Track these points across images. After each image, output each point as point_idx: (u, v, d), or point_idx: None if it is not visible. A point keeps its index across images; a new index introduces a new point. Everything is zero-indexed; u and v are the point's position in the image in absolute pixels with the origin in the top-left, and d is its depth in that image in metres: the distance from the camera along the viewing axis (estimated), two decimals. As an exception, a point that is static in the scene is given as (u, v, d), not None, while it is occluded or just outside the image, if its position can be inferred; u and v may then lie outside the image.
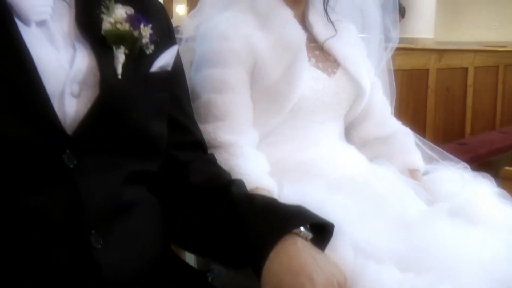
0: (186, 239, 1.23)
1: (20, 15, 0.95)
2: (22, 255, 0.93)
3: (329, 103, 1.62)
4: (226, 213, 1.12)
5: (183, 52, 1.61)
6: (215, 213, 1.14)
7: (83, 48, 1.00)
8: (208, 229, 1.15)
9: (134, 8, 1.07)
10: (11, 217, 0.92)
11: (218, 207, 1.14)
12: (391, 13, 2.10)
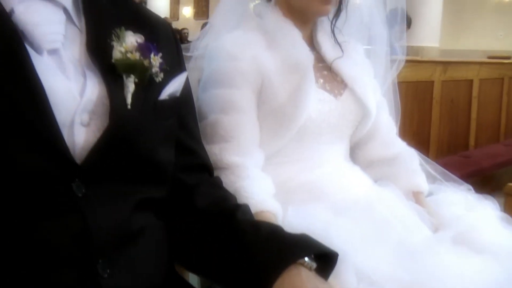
0: (191, 262, 1.24)
1: (32, 43, 0.96)
2: (29, 283, 0.93)
3: (335, 125, 1.63)
4: (232, 240, 1.13)
5: (191, 70, 1.63)
6: (220, 239, 1.15)
7: (93, 76, 1.01)
8: (213, 253, 1.15)
9: (145, 35, 1.08)
10: (18, 245, 0.93)
11: (223, 233, 1.15)
12: (398, 25, 2.11)
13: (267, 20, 1.64)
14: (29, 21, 0.96)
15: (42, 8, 0.99)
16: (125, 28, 1.06)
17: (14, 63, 0.91)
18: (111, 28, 1.06)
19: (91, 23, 1.06)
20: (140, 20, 1.13)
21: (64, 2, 1.02)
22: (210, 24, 1.76)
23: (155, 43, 1.07)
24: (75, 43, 1.04)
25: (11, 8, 0.95)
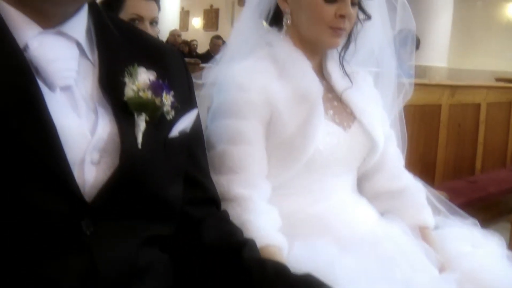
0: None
1: (45, 79, 0.97)
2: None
3: (343, 157, 1.63)
4: (237, 277, 1.13)
5: (202, 98, 1.64)
6: (226, 275, 1.15)
7: (104, 113, 1.02)
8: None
9: (157, 71, 1.08)
10: (24, 284, 0.92)
11: (229, 270, 1.15)
12: (407, 47, 2.11)
13: (278, 50, 1.64)
14: (43, 57, 0.97)
15: (56, 43, 0.99)
16: (138, 63, 1.07)
17: (26, 101, 0.91)
18: (124, 63, 1.06)
19: (104, 57, 1.06)
20: (153, 55, 1.14)
21: (78, 37, 1.03)
22: (223, 53, 1.75)
23: (167, 80, 1.08)
24: (87, 77, 1.04)
25: (26, 43, 0.96)
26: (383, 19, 1.79)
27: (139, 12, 2.61)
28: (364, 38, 1.76)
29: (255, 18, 1.69)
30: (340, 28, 1.59)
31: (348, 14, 1.58)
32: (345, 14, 1.57)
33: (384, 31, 1.82)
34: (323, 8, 1.57)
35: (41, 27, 0.98)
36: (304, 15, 1.61)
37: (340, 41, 1.65)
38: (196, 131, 1.22)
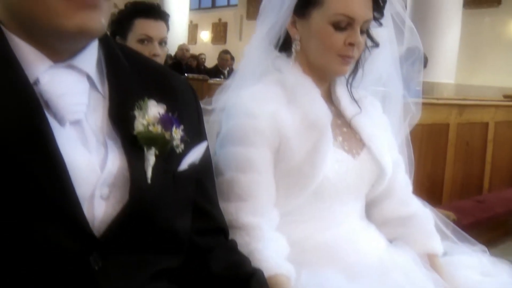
0: None
1: (55, 114, 0.97)
2: None
3: (352, 185, 1.63)
4: None
5: (211, 123, 1.64)
6: None
7: (114, 146, 1.02)
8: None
9: (167, 103, 1.09)
10: None
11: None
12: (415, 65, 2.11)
13: (287, 76, 1.64)
14: (53, 91, 0.97)
15: (66, 77, 1.00)
16: (148, 96, 1.07)
17: (35, 136, 0.92)
18: (134, 95, 1.07)
19: (114, 89, 1.07)
20: (164, 86, 1.15)
21: (88, 70, 1.04)
22: (232, 79, 1.75)
23: (176, 112, 1.08)
24: (97, 109, 1.05)
25: (37, 78, 0.97)
26: (392, 46, 1.79)
27: (148, 32, 2.64)
28: (372, 64, 1.76)
29: (265, 44, 1.69)
30: (349, 56, 1.59)
31: (357, 43, 1.58)
32: (354, 43, 1.57)
33: (392, 57, 1.82)
34: (332, 36, 1.57)
35: (51, 60, 0.99)
36: (313, 42, 1.62)
37: (348, 69, 1.65)
38: (205, 162, 1.22)
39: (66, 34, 0.95)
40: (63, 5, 0.92)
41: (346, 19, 1.56)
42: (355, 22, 1.56)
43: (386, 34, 1.77)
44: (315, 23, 1.60)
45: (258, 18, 1.73)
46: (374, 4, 1.61)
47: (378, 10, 1.65)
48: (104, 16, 0.98)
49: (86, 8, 0.94)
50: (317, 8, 1.58)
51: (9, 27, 0.97)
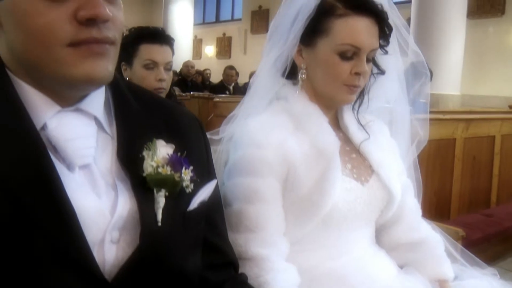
0: None
1: (64, 159, 0.98)
2: None
3: (361, 212, 1.63)
4: None
5: (219, 153, 1.64)
6: None
7: (124, 189, 1.03)
8: None
9: (176, 142, 1.09)
10: None
11: None
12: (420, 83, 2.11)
13: (293, 104, 1.65)
14: (61, 136, 0.98)
15: (74, 121, 1.01)
16: (156, 136, 1.08)
17: (43, 183, 0.92)
18: (142, 135, 1.07)
19: (123, 129, 1.08)
20: (172, 125, 1.15)
21: (96, 112, 1.05)
22: (239, 109, 1.76)
23: (185, 152, 1.08)
24: (106, 150, 1.06)
25: (44, 123, 0.98)
26: (398, 72, 1.80)
27: (154, 57, 2.65)
28: (379, 90, 1.77)
29: (272, 73, 1.70)
30: (355, 85, 1.60)
31: (364, 72, 1.58)
32: (360, 72, 1.58)
33: (400, 83, 1.83)
34: (338, 65, 1.58)
35: (59, 105, 1.00)
36: (319, 71, 1.62)
37: (354, 97, 1.66)
38: (215, 198, 1.22)
39: (74, 82, 0.96)
40: (70, 54, 0.93)
41: (352, 49, 1.56)
42: (361, 52, 1.57)
43: (393, 60, 1.77)
44: (321, 52, 1.60)
45: (265, 47, 1.74)
46: (380, 32, 1.62)
47: (384, 38, 1.65)
48: (111, 63, 0.99)
49: (93, 56, 0.95)
50: (323, 37, 1.59)
51: (16, 72, 0.99)
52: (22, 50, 0.95)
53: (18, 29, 0.94)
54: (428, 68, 5.41)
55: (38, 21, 0.91)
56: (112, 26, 0.97)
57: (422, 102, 2.16)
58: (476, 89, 10.86)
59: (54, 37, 0.92)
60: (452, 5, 8.44)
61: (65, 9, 0.92)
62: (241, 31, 17.97)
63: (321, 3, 1.60)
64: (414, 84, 1.99)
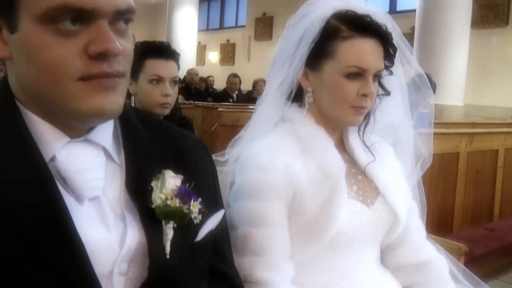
0: None
1: (74, 191, 0.99)
2: None
3: (367, 234, 1.63)
4: None
5: (225, 174, 1.65)
6: None
7: (132, 220, 1.03)
8: None
9: (184, 172, 1.10)
10: None
11: None
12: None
13: (299, 127, 1.66)
14: (70, 168, 0.99)
15: (82, 152, 1.02)
16: (165, 165, 1.09)
17: (52, 216, 0.93)
18: (150, 164, 1.08)
19: (131, 158, 1.08)
20: (181, 154, 1.16)
21: (104, 143, 1.05)
22: (245, 132, 1.77)
23: (194, 182, 1.09)
24: (114, 180, 1.06)
25: (53, 155, 0.99)
26: (403, 94, 1.81)
27: (159, 72, 2.66)
28: (383, 111, 1.77)
29: (278, 97, 1.70)
30: (362, 107, 1.60)
31: (370, 93, 1.59)
32: (367, 94, 1.59)
33: (404, 104, 1.83)
34: (345, 87, 1.58)
35: (68, 136, 1.00)
36: (326, 94, 1.63)
37: (361, 119, 1.66)
38: (222, 227, 1.23)
39: (84, 116, 0.97)
40: (81, 88, 0.94)
41: (358, 70, 1.57)
42: (367, 73, 1.58)
43: (397, 82, 1.78)
44: (327, 75, 1.61)
45: (269, 71, 1.75)
46: (385, 53, 1.63)
47: (389, 59, 1.66)
48: (121, 95, 0.99)
49: (103, 90, 0.95)
50: (329, 60, 1.60)
51: (26, 103, 1.00)
52: (32, 83, 0.96)
53: (29, 62, 0.95)
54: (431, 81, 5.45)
55: (49, 55, 0.92)
56: (123, 59, 0.98)
57: (426, 113, 2.16)
58: (480, 99, 10.85)
59: (65, 71, 0.93)
60: (456, 15, 8.44)
61: (76, 44, 0.93)
62: (245, 38, 18.00)
63: (325, 26, 1.61)
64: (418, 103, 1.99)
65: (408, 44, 1.84)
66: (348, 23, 1.60)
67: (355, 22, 1.59)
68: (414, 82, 1.92)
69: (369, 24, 1.59)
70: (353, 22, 1.59)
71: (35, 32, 0.92)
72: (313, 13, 1.65)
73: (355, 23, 1.59)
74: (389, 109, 1.80)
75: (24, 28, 0.93)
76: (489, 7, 11.33)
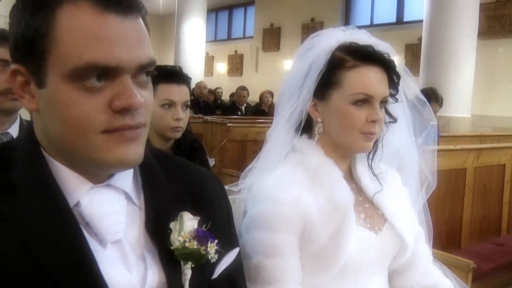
0: None
1: (97, 235, 1.04)
2: None
3: (375, 259, 1.68)
4: None
5: (237, 202, 1.71)
6: None
7: (152, 261, 1.08)
8: None
9: (201, 214, 1.15)
10: None
11: None
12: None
13: (309, 158, 1.71)
14: (94, 213, 1.04)
15: (105, 198, 1.07)
16: (182, 207, 1.14)
17: (77, 260, 0.98)
18: (169, 206, 1.14)
19: (150, 200, 1.14)
20: (196, 194, 1.21)
21: (125, 187, 1.10)
22: (255, 163, 1.82)
23: (210, 222, 1.14)
24: (134, 222, 1.11)
25: (78, 201, 1.04)
26: (407, 121, 1.86)
27: (171, 97, 2.69)
28: (389, 139, 1.82)
29: (286, 130, 1.76)
30: (371, 132, 1.66)
31: (378, 119, 1.65)
32: (376, 119, 1.64)
33: (408, 130, 1.89)
34: (354, 114, 1.64)
35: (91, 182, 1.06)
36: (336, 123, 1.68)
37: (371, 145, 1.71)
38: (237, 263, 1.27)
39: (107, 166, 1.02)
40: (104, 140, 0.99)
41: (365, 97, 1.63)
42: (374, 100, 1.64)
43: (401, 108, 1.84)
44: (335, 104, 1.67)
45: (277, 104, 1.81)
46: (389, 81, 1.69)
47: (394, 87, 1.72)
48: (142, 145, 1.04)
49: (126, 142, 1.00)
50: (336, 89, 1.66)
51: (51, 153, 1.05)
52: (58, 135, 1.01)
53: (55, 116, 0.99)
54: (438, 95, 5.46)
55: (75, 111, 0.97)
56: (144, 110, 1.03)
57: (432, 125, 2.19)
58: (487, 110, 10.88)
59: (90, 125, 0.97)
60: (463, 25, 8.45)
61: (101, 99, 0.97)
62: (252, 49, 18.06)
63: (331, 58, 1.67)
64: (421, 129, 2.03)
65: (410, 73, 1.90)
66: (352, 53, 1.66)
67: (359, 52, 1.66)
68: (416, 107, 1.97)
69: (372, 53, 1.65)
70: (357, 52, 1.66)
71: (62, 88, 0.97)
72: (318, 46, 1.72)
73: (359, 53, 1.65)
74: (395, 136, 1.85)
75: (52, 85, 0.98)
76: (495, 17, 11.39)
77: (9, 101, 2.36)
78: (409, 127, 1.89)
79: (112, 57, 0.96)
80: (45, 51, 0.97)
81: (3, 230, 0.96)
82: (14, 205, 0.98)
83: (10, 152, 1.07)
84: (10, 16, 1.02)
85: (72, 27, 0.95)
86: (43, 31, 0.96)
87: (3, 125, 2.44)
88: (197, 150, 3.00)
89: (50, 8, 0.96)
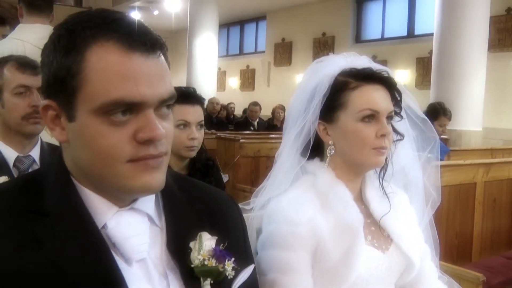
0: None
1: (123, 254, 1.13)
2: None
3: (382, 277, 1.76)
4: None
5: (250, 220, 1.80)
6: None
7: (174, 278, 1.18)
8: None
9: (218, 234, 1.25)
10: None
11: None
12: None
13: (320, 180, 1.79)
14: (120, 235, 1.14)
15: (130, 220, 1.16)
16: (201, 227, 1.24)
17: (106, 278, 1.07)
18: (188, 226, 1.23)
19: (171, 222, 1.23)
20: (213, 215, 1.31)
21: (148, 210, 1.20)
22: (267, 183, 1.91)
23: (226, 241, 1.24)
24: (156, 242, 1.21)
25: (105, 223, 1.13)
26: (409, 138, 1.95)
27: (186, 118, 2.77)
28: (395, 157, 1.90)
29: (293, 153, 1.86)
30: (382, 147, 1.74)
31: (387, 133, 1.74)
32: (385, 133, 1.73)
33: (412, 148, 1.97)
34: (363, 131, 1.73)
35: (117, 206, 1.15)
36: (347, 142, 1.77)
37: (384, 159, 1.78)
38: (252, 279, 1.35)
39: (132, 192, 1.12)
40: (130, 168, 1.08)
41: (372, 113, 1.72)
42: (380, 115, 1.73)
43: (403, 126, 1.92)
44: (344, 124, 1.76)
45: (285, 126, 1.91)
46: (392, 98, 1.78)
47: (397, 104, 1.81)
48: (164, 172, 1.14)
49: (149, 170, 1.10)
50: (343, 110, 1.75)
51: (80, 180, 1.15)
52: (86, 164, 1.11)
53: (84, 148, 1.09)
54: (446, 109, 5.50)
55: (103, 143, 1.06)
56: (166, 141, 1.12)
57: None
58: (498, 123, 10.90)
59: (116, 156, 1.07)
60: (474, 38, 8.45)
61: (126, 131, 1.06)
62: (264, 64, 18.17)
63: (334, 83, 1.77)
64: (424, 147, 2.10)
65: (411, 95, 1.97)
66: (354, 76, 1.76)
67: (360, 74, 1.76)
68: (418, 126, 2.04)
69: (372, 72, 1.76)
70: (358, 74, 1.77)
71: (91, 122, 1.06)
72: (321, 72, 1.82)
73: (360, 74, 1.76)
74: (399, 154, 1.93)
75: (81, 119, 1.07)
76: (506, 30, 11.43)
77: (30, 125, 2.47)
78: (412, 145, 1.97)
79: (137, 94, 1.05)
80: (75, 89, 1.06)
81: (39, 253, 1.05)
82: (49, 229, 1.07)
83: (42, 181, 1.16)
84: (42, 56, 1.12)
85: (100, 67, 1.05)
86: (73, 71, 1.05)
87: (24, 148, 2.53)
88: (211, 168, 3.08)
89: (80, 50, 1.05)
